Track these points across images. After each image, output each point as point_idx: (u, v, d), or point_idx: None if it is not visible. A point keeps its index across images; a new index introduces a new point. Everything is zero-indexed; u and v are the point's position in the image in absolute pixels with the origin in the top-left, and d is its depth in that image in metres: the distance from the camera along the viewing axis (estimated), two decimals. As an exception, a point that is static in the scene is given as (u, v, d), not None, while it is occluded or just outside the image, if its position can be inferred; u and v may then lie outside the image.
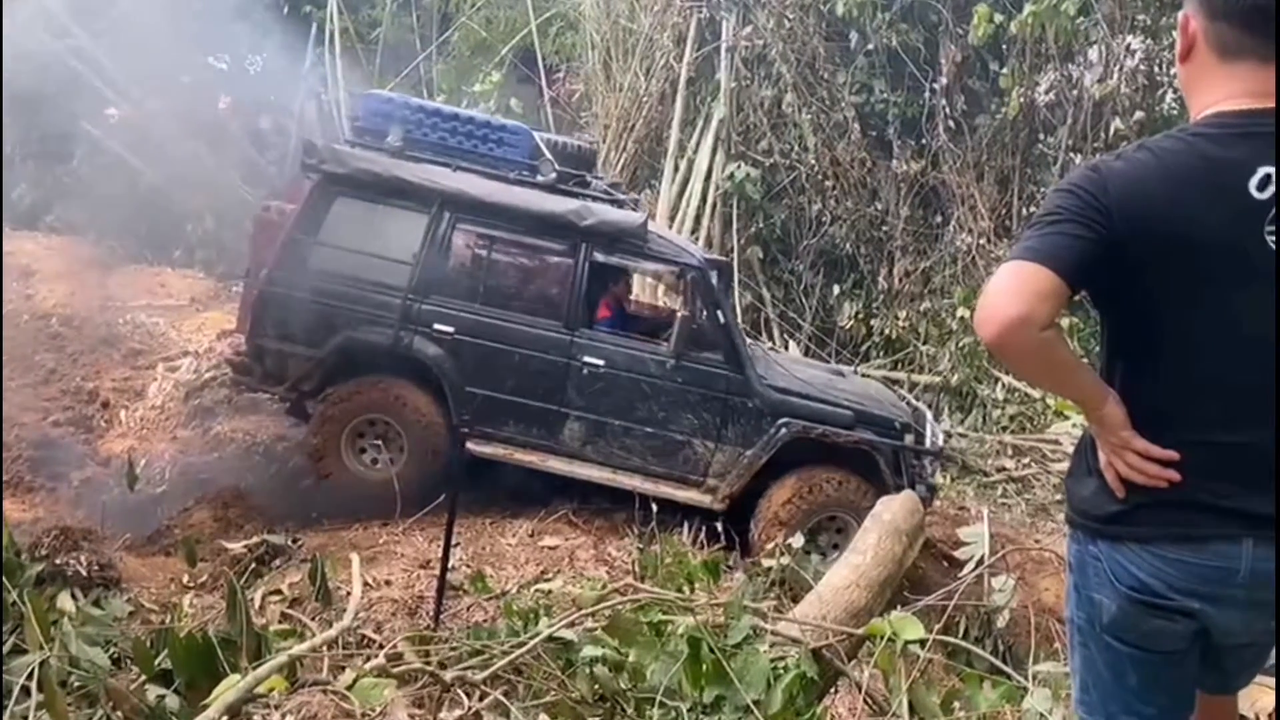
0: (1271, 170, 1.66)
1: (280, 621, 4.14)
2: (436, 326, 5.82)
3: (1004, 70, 10.59)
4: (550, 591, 4.36)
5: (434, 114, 6.23)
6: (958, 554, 4.41)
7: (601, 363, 5.83)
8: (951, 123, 10.87)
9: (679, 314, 5.80)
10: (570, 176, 6.08)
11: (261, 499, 5.88)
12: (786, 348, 10.07)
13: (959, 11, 10.73)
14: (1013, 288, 1.69)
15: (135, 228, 11.46)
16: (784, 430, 5.69)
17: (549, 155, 6.02)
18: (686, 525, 5.90)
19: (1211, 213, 1.69)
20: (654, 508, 5.41)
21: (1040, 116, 10.70)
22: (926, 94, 11.10)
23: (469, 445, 5.79)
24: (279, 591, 4.57)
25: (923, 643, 3.34)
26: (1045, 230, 1.72)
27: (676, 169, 11.00)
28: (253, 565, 4.85)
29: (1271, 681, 3.32)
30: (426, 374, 5.87)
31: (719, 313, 5.83)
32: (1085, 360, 2.00)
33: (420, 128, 6.13)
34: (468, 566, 4.90)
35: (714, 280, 5.87)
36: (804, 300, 10.91)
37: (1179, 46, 1.83)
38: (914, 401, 6.98)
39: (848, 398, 5.93)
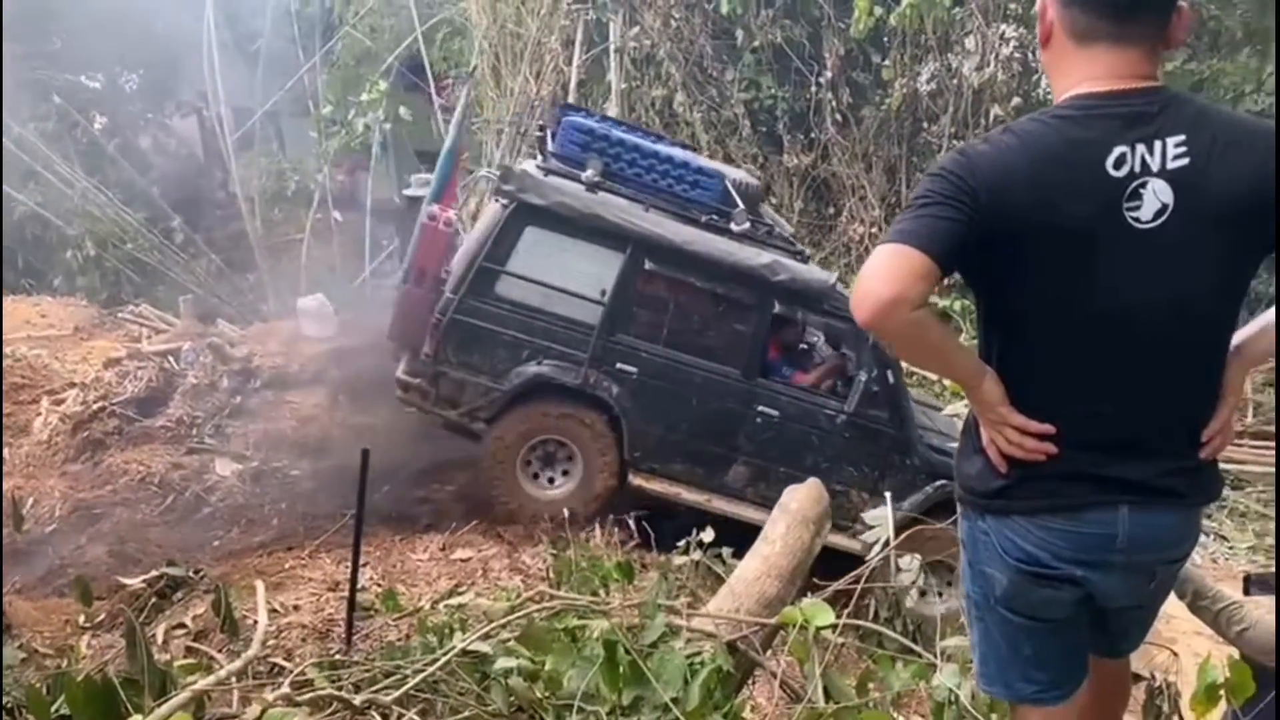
0: (1126, 149, 1.73)
1: (185, 656, 4.00)
2: (620, 366, 5.88)
3: (886, 62, 10.87)
4: (464, 605, 4.31)
5: (634, 149, 6.10)
6: (864, 537, 4.51)
7: (776, 413, 5.91)
8: (839, 115, 11.10)
9: (859, 377, 5.92)
10: (760, 225, 6.09)
11: (160, 531, 5.70)
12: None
13: (840, 6, 10.96)
14: (886, 270, 1.73)
15: (10, 256, 10.98)
16: (938, 491, 5.84)
17: (740, 200, 6.00)
18: (599, 528, 5.90)
19: (1073, 191, 1.74)
20: (566, 513, 5.40)
21: (923, 106, 11.00)
22: (813, 88, 11.31)
23: (639, 482, 5.94)
24: (183, 625, 4.43)
25: (835, 628, 3.40)
26: (917, 214, 1.76)
27: (572, 172, 10.99)
28: (153, 600, 4.68)
29: (1166, 639, 3.48)
30: (606, 406, 5.93)
31: (889, 373, 5.92)
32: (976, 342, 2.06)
33: (618, 161, 6.02)
34: (378, 585, 4.81)
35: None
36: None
37: (1039, 32, 1.89)
38: None
39: None
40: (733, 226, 5.86)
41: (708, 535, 4.17)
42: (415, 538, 5.69)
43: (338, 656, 3.64)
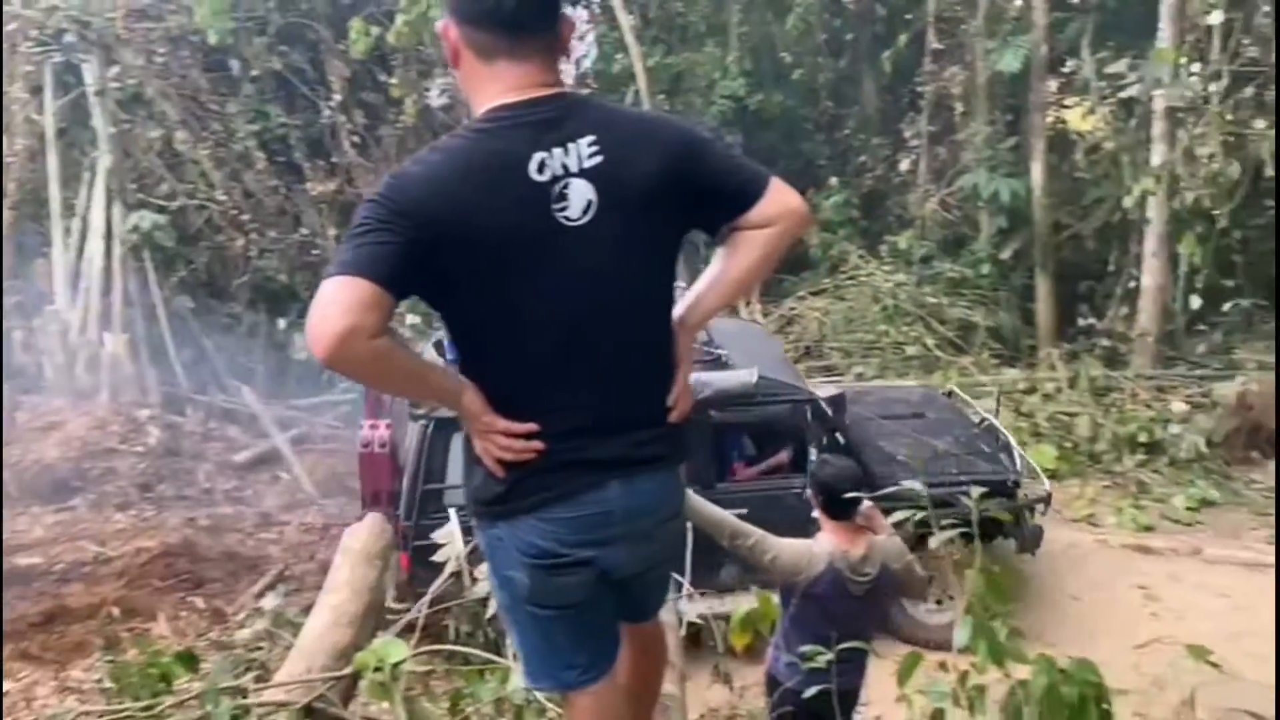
0: (545, 154, 1.83)
1: None
2: None
3: (394, 80, 10.90)
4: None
5: None
6: (436, 557, 4.49)
7: (746, 510, 5.48)
8: (356, 137, 10.97)
9: (811, 450, 5.94)
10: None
11: None
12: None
13: (336, 28, 10.81)
14: (335, 304, 1.70)
15: None
16: (914, 525, 5.66)
17: None
18: (162, 617, 5.39)
19: (502, 201, 1.82)
20: (115, 612, 4.84)
21: (438, 120, 11.17)
22: (325, 113, 11.06)
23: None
24: None
25: (415, 657, 3.35)
26: (358, 242, 1.75)
27: (69, 231, 9.86)
28: None
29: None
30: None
31: (838, 436, 6.05)
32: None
33: None
34: (-119, 757, 4.02)
35: (827, 408, 6.09)
36: (250, 341, 10.40)
37: (447, 55, 1.95)
38: (1002, 432, 6.96)
39: (960, 464, 6.20)
40: None
41: (268, 601, 3.94)
42: (-71, 687, 4.82)
43: None
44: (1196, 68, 9.29)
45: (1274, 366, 8.27)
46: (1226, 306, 10.07)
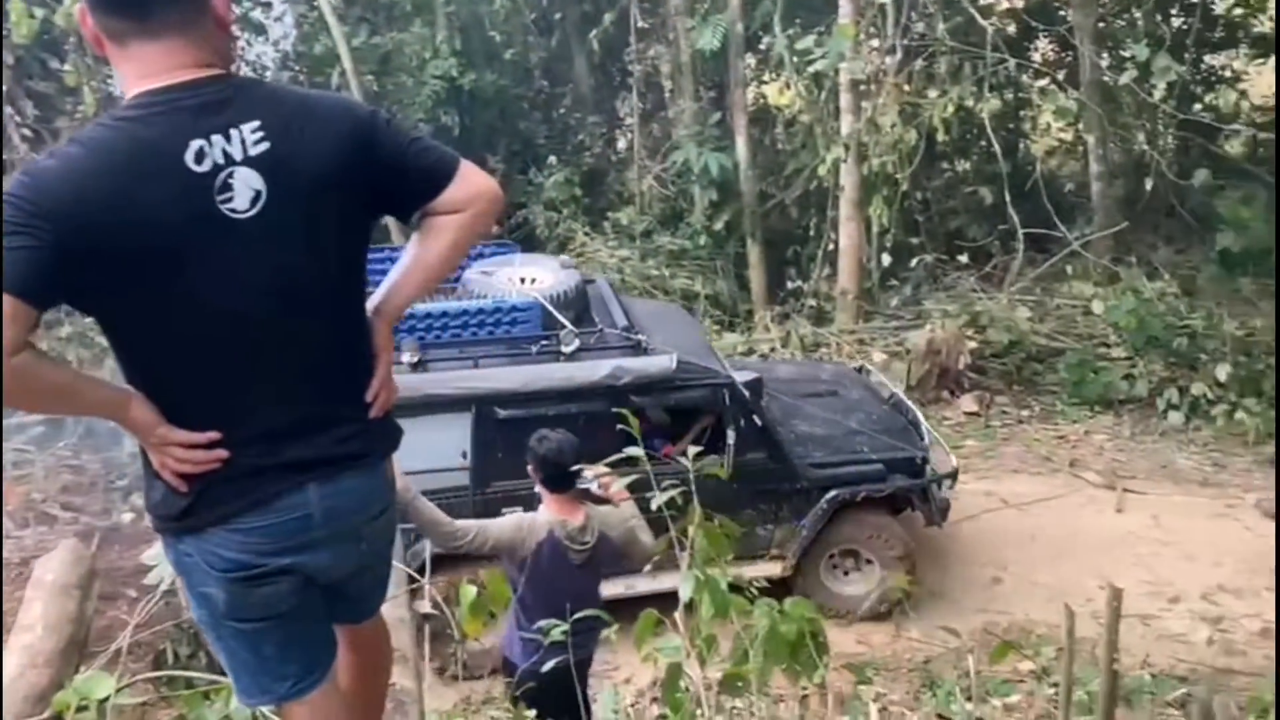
0: (203, 142, 1.70)
1: None
2: (505, 511, 5.15)
3: (67, 67, 9.95)
4: None
5: (442, 315, 5.94)
6: (147, 580, 4.17)
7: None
8: (27, 131, 9.92)
9: (728, 433, 5.98)
10: (589, 334, 6.05)
11: None
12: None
13: (-8, 10, 9.70)
14: None
15: None
16: (832, 502, 6.22)
17: (561, 318, 5.97)
18: None
19: (156, 195, 1.67)
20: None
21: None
22: (-12, 105, 9.93)
23: None
24: None
25: (129, 688, 3.12)
26: None
27: None
28: None
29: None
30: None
31: (755, 418, 6.12)
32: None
33: (431, 331, 5.87)
34: None
35: (746, 392, 6.08)
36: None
37: (89, 40, 1.77)
38: (910, 407, 7.12)
39: (872, 442, 6.49)
40: (563, 349, 5.87)
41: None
42: None
43: None
44: (875, 43, 10.10)
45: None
46: (913, 262, 11.06)
